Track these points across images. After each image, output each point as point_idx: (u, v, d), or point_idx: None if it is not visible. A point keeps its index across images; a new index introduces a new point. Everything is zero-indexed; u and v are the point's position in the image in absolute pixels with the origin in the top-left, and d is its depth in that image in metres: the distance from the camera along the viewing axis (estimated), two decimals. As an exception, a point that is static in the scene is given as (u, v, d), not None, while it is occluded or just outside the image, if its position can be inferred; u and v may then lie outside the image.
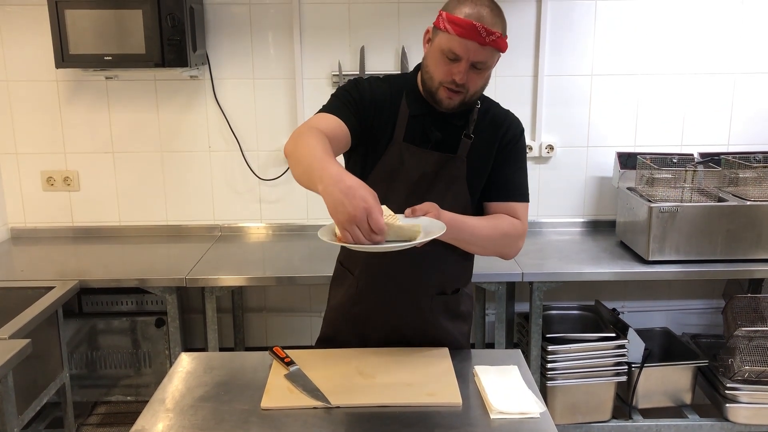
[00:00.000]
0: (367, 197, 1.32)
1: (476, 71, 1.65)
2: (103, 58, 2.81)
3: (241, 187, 3.29)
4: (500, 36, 1.61)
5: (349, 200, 1.32)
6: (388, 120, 1.74)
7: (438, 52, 1.64)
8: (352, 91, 1.73)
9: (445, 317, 1.86)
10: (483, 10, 1.60)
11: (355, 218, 1.31)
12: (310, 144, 1.49)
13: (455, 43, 1.60)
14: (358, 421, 1.48)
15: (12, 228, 3.29)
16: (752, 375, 2.84)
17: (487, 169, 1.79)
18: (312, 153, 1.45)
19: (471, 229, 1.69)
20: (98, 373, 2.98)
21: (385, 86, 1.77)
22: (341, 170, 1.38)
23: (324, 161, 1.41)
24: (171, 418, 1.51)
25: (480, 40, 1.58)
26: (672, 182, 2.90)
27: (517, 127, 1.82)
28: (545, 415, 1.51)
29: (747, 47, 3.17)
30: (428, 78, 1.69)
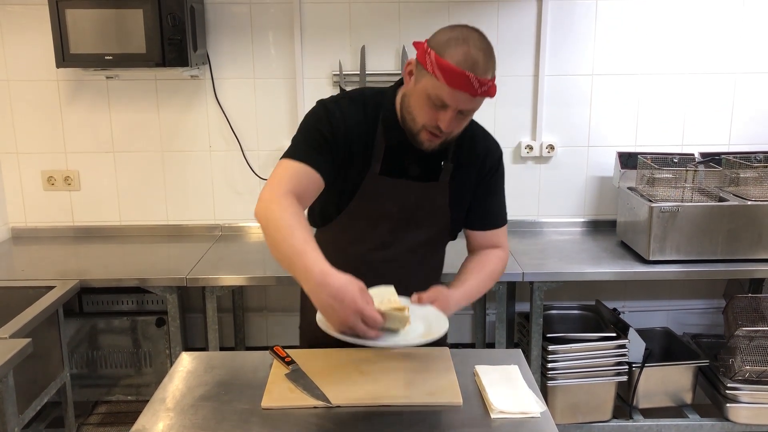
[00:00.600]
0: (356, 299, 1.34)
1: (462, 116, 1.57)
2: (103, 57, 2.81)
3: (242, 187, 3.29)
4: (492, 84, 1.52)
5: (339, 304, 1.34)
6: (364, 149, 1.66)
7: (424, 95, 1.53)
8: (323, 127, 1.62)
9: None
10: (476, 54, 1.48)
11: (348, 322, 1.35)
12: (284, 227, 1.46)
13: (444, 92, 1.49)
14: (358, 420, 1.48)
15: (13, 227, 3.30)
16: (753, 375, 2.84)
17: (469, 191, 1.76)
18: (290, 243, 1.44)
19: (476, 292, 1.74)
20: (99, 373, 2.98)
21: (360, 110, 1.66)
22: (324, 267, 1.38)
23: (305, 257, 1.40)
24: (171, 418, 1.51)
25: (472, 92, 1.49)
26: (673, 182, 2.90)
27: (496, 152, 1.78)
28: (546, 415, 1.51)
29: (748, 47, 3.17)
30: (410, 118, 1.60)
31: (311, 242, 1.45)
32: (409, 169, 1.69)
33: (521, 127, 3.25)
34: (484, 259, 1.80)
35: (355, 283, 1.39)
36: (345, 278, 1.38)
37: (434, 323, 1.53)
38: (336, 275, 1.38)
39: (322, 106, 1.66)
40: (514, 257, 2.90)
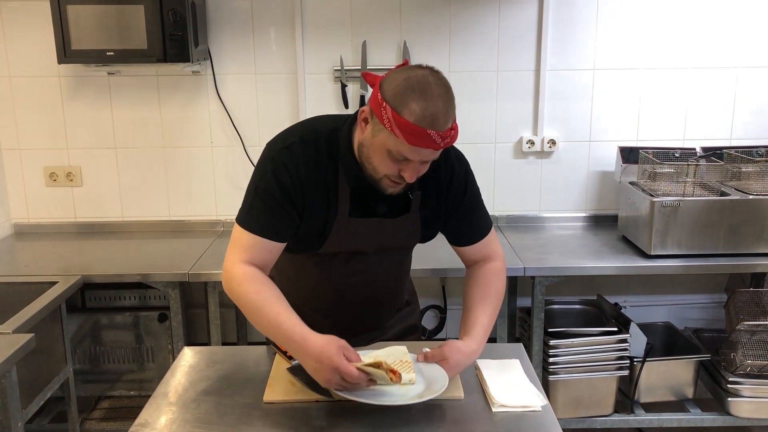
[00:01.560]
0: (332, 357, 1.41)
1: (425, 164, 1.51)
2: (105, 53, 2.81)
3: (244, 182, 3.24)
4: (454, 131, 1.44)
5: (320, 365, 1.43)
6: (326, 193, 1.59)
7: (383, 150, 1.46)
8: (271, 187, 1.56)
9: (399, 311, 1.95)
10: (436, 104, 1.39)
11: (332, 381, 1.43)
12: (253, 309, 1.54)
13: (405, 148, 1.42)
14: (359, 414, 1.48)
15: (15, 223, 3.30)
16: (754, 369, 2.84)
17: (440, 215, 1.71)
18: (264, 321, 1.52)
19: (489, 328, 1.71)
20: (101, 368, 2.99)
21: (313, 153, 1.56)
22: (303, 333, 1.47)
23: (282, 329, 1.49)
24: (174, 412, 1.52)
25: (434, 146, 1.42)
26: (674, 176, 2.90)
27: (460, 167, 1.69)
28: (547, 409, 1.52)
29: (749, 41, 3.16)
30: (371, 168, 1.52)
31: (284, 312, 1.51)
32: (377, 207, 1.64)
33: (522, 122, 3.24)
34: (483, 283, 1.75)
35: (334, 342, 1.44)
36: (323, 340, 1.45)
37: (435, 381, 1.53)
38: (315, 339, 1.46)
39: (269, 160, 1.58)
40: (516, 252, 2.90)
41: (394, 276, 1.85)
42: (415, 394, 1.48)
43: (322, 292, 1.78)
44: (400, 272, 1.88)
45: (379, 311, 1.87)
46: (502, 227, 3.29)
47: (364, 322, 1.85)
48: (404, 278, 1.93)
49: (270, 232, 1.58)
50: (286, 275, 1.82)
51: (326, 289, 1.77)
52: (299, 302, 1.69)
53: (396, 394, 1.49)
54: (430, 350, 1.59)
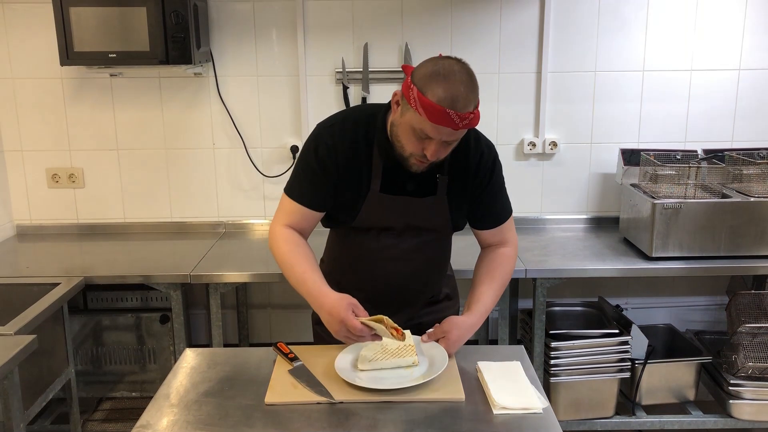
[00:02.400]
0: (341, 312, 1.60)
1: (447, 145, 1.64)
2: (107, 55, 2.82)
3: (245, 184, 3.30)
4: (474, 116, 1.58)
5: (331, 317, 1.63)
6: (361, 170, 1.76)
7: (409, 128, 1.62)
8: (313, 160, 1.75)
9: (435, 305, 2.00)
10: (456, 89, 1.54)
11: (339, 332, 1.62)
12: (287, 263, 1.78)
13: (427, 127, 1.57)
14: (361, 416, 1.49)
15: (17, 225, 3.31)
16: (756, 371, 2.84)
17: (466, 200, 1.84)
18: (293, 275, 1.76)
19: (491, 305, 1.86)
20: (103, 369, 2.99)
21: (352, 134, 1.75)
22: (321, 290, 1.69)
23: (306, 285, 1.72)
24: (175, 414, 1.52)
25: (453, 126, 1.56)
26: (675, 179, 2.90)
27: (490, 154, 1.83)
28: (548, 411, 1.52)
29: (751, 43, 3.16)
30: (399, 146, 1.68)
31: (309, 270, 1.74)
32: (406, 185, 1.77)
33: (524, 124, 3.25)
34: (492, 265, 1.89)
35: (345, 299, 1.63)
36: (337, 296, 1.65)
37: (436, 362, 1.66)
38: (330, 295, 1.67)
39: (313, 137, 1.79)
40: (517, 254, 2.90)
41: (424, 258, 1.89)
42: (419, 375, 1.60)
43: (359, 266, 1.88)
44: (432, 257, 1.92)
45: (410, 292, 1.91)
46: (504, 229, 3.29)
47: (395, 301, 1.89)
48: (438, 265, 1.96)
49: (307, 201, 1.79)
50: (332, 254, 1.99)
51: (361, 263, 1.87)
52: (340, 278, 1.90)
53: (400, 376, 1.60)
54: (431, 329, 1.74)
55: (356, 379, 1.58)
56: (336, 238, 1.96)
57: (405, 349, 1.66)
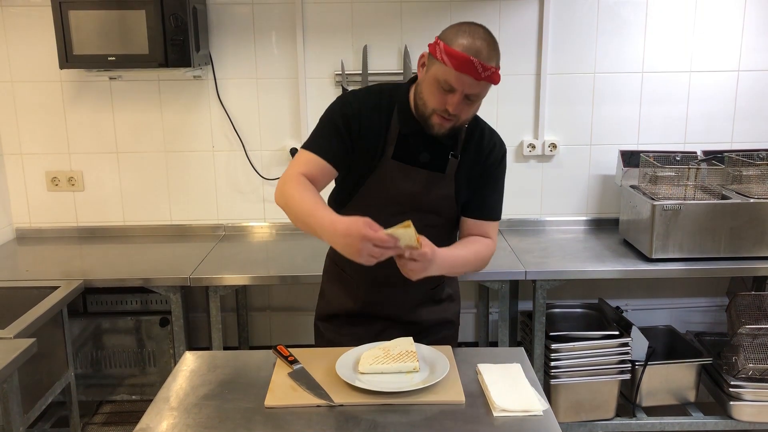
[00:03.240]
0: (361, 229, 1.52)
1: (468, 102, 1.68)
2: (106, 58, 2.82)
3: (245, 187, 3.30)
4: (495, 71, 1.65)
5: (351, 239, 1.53)
6: (378, 135, 1.79)
7: (433, 80, 1.67)
8: (336, 117, 1.77)
9: (438, 303, 2.00)
10: (480, 43, 1.62)
11: (362, 251, 1.53)
12: (296, 198, 1.69)
13: (451, 76, 1.63)
14: (360, 419, 1.49)
15: (17, 228, 3.31)
16: (756, 373, 2.84)
17: (470, 186, 1.86)
18: (302, 208, 1.67)
19: (460, 263, 1.79)
20: (103, 373, 2.99)
21: (375, 99, 1.79)
22: (332, 217, 1.59)
23: (316, 215, 1.63)
24: (175, 417, 1.52)
25: (476, 75, 1.62)
26: (675, 180, 2.90)
27: (501, 149, 1.88)
28: (548, 413, 1.52)
29: (750, 44, 3.16)
30: (422, 104, 1.72)
31: (319, 203, 1.67)
32: (419, 156, 1.80)
33: (523, 126, 3.25)
34: (470, 239, 1.88)
35: (359, 219, 1.55)
36: (350, 218, 1.57)
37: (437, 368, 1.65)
38: (342, 219, 1.58)
39: (339, 98, 1.83)
40: (517, 255, 2.90)
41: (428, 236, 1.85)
42: (419, 381, 1.59)
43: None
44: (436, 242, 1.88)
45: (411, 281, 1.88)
46: (504, 231, 3.29)
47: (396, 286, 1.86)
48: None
49: (326, 154, 1.77)
50: None
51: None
52: (343, 264, 1.91)
53: (400, 381, 1.59)
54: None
55: (356, 381, 1.58)
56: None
57: (406, 354, 1.66)
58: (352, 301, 1.95)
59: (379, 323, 1.93)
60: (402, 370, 1.63)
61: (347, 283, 1.96)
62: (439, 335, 1.98)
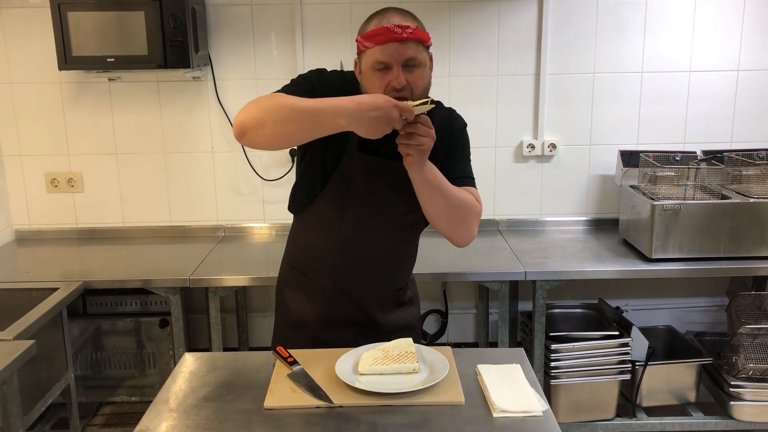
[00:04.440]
0: (388, 98, 1.51)
1: (410, 70, 1.63)
2: (105, 59, 2.82)
3: (244, 188, 3.30)
4: (416, 28, 1.64)
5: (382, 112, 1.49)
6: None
7: (368, 70, 1.65)
8: (313, 79, 1.74)
9: (400, 307, 1.96)
10: (391, 16, 1.64)
11: (396, 119, 1.51)
12: (288, 101, 1.58)
13: (377, 52, 1.61)
14: (360, 420, 1.48)
15: (16, 229, 3.31)
16: (756, 372, 2.84)
17: (437, 161, 1.75)
18: (304, 105, 1.55)
19: (446, 186, 1.71)
20: (103, 374, 2.99)
21: (342, 84, 1.75)
22: (349, 97, 1.52)
23: (327, 102, 1.53)
24: (174, 418, 1.51)
25: (398, 38, 1.60)
26: (675, 180, 2.90)
27: (459, 122, 1.86)
28: (548, 414, 1.51)
29: (749, 44, 3.16)
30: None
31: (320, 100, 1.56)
32: (382, 148, 1.74)
33: (523, 126, 3.25)
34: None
35: (378, 94, 1.56)
36: (367, 94, 1.56)
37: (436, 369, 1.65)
38: (361, 95, 1.56)
39: (317, 69, 1.80)
40: (517, 256, 2.90)
41: (392, 242, 1.86)
42: (419, 381, 1.59)
43: (323, 249, 1.85)
44: (400, 246, 1.89)
45: (375, 280, 1.88)
46: (503, 231, 3.29)
47: (363, 284, 1.87)
48: (404, 258, 1.93)
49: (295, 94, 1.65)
50: (293, 242, 1.97)
51: (327, 244, 1.84)
52: (300, 267, 1.91)
53: (399, 382, 1.58)
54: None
55: (356, 382, 1.57)
56: (301, 224, 1.91)
57: (406, 355, 1.66)
58: (316, 307, 1.90)
59: (343, 330, 1.88)
60: (401, 371, 1.63)
61: (311, 289, 1.91)
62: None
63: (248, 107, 1.62)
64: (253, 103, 1.63)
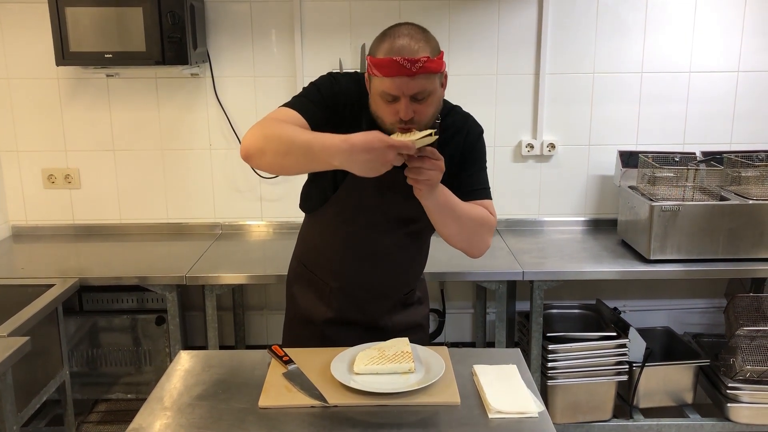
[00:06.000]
0: (383, 138, 1.43)
1: (419, 102, 1.58)
2: (103, 55, 2.81)
3: (242, 185, 3.29)
4: (427, 59, 1.54)
5: (373, 152, 1.43)
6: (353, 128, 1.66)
7: (377, 96, 1.60)
8: (322, 87, 1.71)
9: (407, 307, 1.96)
10: (401, 41, 1.55)
11: (389, 159, 1.44)
12: (288, 131, 1.54)
13: (386, 84, 1.55)
14: (355, 420, 1.48)
15: (13, 225, 3.30)
16: (754, 375, 2.83)
17: (450, 178, 1.74)
18: (300, 140, 1.51)
19: (459, 208, 1.69)
20: (98, 371, 2.98)
21: (356, 91, 1.71)
22: (342, 137, 1.46)
23: (319, 140, 1.49)
24: (168, 417, 1.51)
25: (407, 73, 1.53)
26: (674, 181, 2.89)
27: (475, 130, 1.81)
28: (544, 415, 1.51)
29: (750, 45, 3.15)
30: (380, 122, 1.64)
31: (317, 133, 1.54)
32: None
33: (522, 126, 3.24)
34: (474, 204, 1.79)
35: (370, 132, 1.46)
36: (362, 132, 1.46)
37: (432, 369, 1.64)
38: (355, 135, 1.46)
39: (328, 74, 1.76)
40: (514, 256, 2.89)
41: (401, 248, 1.85)
42: (414, 382, 1.58)
43: (331, 251, 1.85)
44: (410, 250, 1.88)
45: (382, 285, 1.88)
46: (501, 231, 3.28)
47: (370, 289, 1.87)
48: (414, 261, 1.93)
49: (303, 109, 1.65)
50: (303, 240, 1.96)
51: (335, 247, 1.83)
52: (309, 265, 1.91)
53: (395, 382, 1.58)
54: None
55: (351, 381, 1.57)
56: (312, 224, 1.91)
57: (402, 355, 1.65)
58: (324, 306, 1.90)
59: (350, 329, 1.88)
60: (397, 370, 1.62)
61: (319, 287, 1.91)
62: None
63: (254, 130, 1.60)
64: (258, 126, 1.60)
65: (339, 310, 1.89)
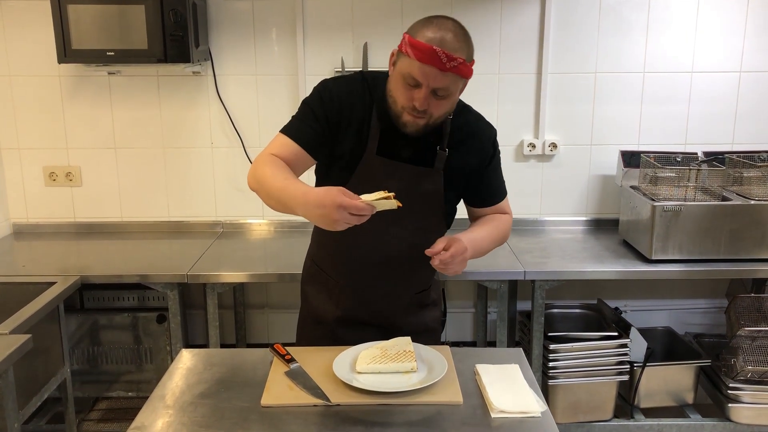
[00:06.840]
0: (335, 197, 1.46)
1: (438, 98, 1.60)
2: (105, 53, 2.81)
3: (244, 184, 3.25)
4: (463, 62, 1.57)
5: (325, 209, 1.46)
6: (360, 129, 1.73)
7: (399, 76, 1.61)
8: (314, 103, 1.74)
9: (421, 309, 1.96)
10: (446, 34, 1.56)
11: (339, 221, 1.47)
12: (268, 175, 1.63)
13: (415, 68, 1.56)
14: (357, 419, 1.48)
15: (14, 223, 3.29)
16: (755, 375, 2.83)
17: (463, 180, 1.82)
18: (274, 185, 1.60)
19: (488, 242, 1.82)
20: (99, 369, 2.98)
21: (356, 88, 1.74)
22: (304, 189, 1.53)
23: (288, 190, 1.56)
24: (170, 415, 1.51)
25: (440, 66, 1.54)
26: (676, 181, 2.89)
27: (490, 135, 1.84)
28: (546, 414, 1.51)
29: (752, 45, 3.15)
30: (392, 101, 1.66)
31: (291, 178, 1.62)
32: (402, 152, 1.74)
33: (524, 125, 3.24)
34: (488, 219, 1.89)
35: (332, 188, 1.50)
36: (323, 188, 1.51)
37: (434, 369, 1.64)
38: (315, 190, 1.53)
39: (319, 84, 1.79)
40: (516, 255, 2.89)
41: (412, 246, 1.82)
42: (417, 381, 1.58)
43: (341, 250, 1.85)
44: (421, 249, 1.84)
45: (397, 281, 1.88)
46: (503, 230, 3.28)
47: (379, 288, 1.87)
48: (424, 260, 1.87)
49: (303, 140, 1.72)
50: (315, 238, 1.98)
51: (345, 245, 1.83)
52: (321, 263, 1.93)
53: (397, 381, 1.58)
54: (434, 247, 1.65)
55: (354, 380, 1.57)
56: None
57: (404, 354, 1.65)
58: (335, 306, 1.91)
59: (361, 329, 1.87)
60: (399, 370, 1.62)
61: (330, 287, 1.92)
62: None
63: (253, 167, 1.70)
64: (255, 164, 1.70)
65: (348, 309, 1.89)
